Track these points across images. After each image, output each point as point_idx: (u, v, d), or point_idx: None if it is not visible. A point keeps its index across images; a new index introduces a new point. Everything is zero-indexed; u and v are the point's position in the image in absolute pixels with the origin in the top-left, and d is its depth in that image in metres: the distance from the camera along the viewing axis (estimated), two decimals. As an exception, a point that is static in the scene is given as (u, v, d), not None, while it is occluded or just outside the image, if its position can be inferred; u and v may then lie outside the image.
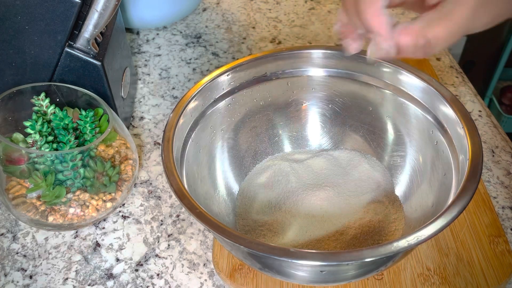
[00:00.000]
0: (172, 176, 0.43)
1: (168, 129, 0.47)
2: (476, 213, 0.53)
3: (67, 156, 0.49)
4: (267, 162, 0.57)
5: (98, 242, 0.53)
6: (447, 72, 0.72)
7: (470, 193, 0.40)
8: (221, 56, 0.77)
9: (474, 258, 0.49)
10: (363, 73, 0.54)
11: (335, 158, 0.56)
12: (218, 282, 0.50)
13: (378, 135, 0.56)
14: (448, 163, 0.47)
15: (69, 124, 0.52)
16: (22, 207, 0.51)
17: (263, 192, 0.53)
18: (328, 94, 0.57)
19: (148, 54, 0.77)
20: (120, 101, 0.61)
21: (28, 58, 0.54)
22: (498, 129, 0.64)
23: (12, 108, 0.53)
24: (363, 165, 0.55)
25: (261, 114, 0.57)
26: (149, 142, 0.64)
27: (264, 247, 0.38)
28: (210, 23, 0.83)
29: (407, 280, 0.48)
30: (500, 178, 0.58)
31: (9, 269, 0.51)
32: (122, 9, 0.76)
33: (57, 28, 0.53)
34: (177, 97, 0.70)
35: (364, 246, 0.48)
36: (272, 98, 0.57)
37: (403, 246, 0.38)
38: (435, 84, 0.49)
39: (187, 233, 0.54)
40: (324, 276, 0.42)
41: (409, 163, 0.53)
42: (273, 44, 0.78)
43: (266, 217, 0.51)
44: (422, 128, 0.52)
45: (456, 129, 0.47)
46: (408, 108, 0.52)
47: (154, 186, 0.59)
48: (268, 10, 0.86)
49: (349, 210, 0.51)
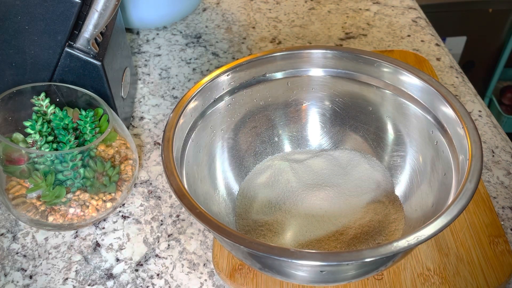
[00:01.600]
0: (172, 176, 0.43)
1: (168, 129, 0.47)
2: (476, 213, 0.53)
3: (67, 156, 0.49)
4: (267, 162, 0.57)
5: (98, 242, 0.53)
6: (447, 72, 0.72)
7: (470, 193, 0.40)
8: (221, 56, 0.77)
9: (474, 258, 0.49)
10: (363, 73, 0.54)
11: (335, 158, 0.56)
12: (218, 282, 0.50)
13: (378, 135, 0.56)
14: (448, 163, 0.47)
15: (69, 124, 0.52)
16: (22, 207, 0.51)
17: (263, 192, 0.53)
18: (328, 94, 0.57)
19: (148, 54, 0.77)
20: (120, 101, 0.61)
21: (28, 58, 0.54)
22: (498, 129, 0.64)
23: (12, 108, 0.53)
24: (363, 165, 0.55)
25: (261, 114, 0.57)
26: (149, 142, 0.64)
27: (264, 247, 0.38)
28: (210, 23, 0.83)
29: (407, 280, 0.48)
30: (500, 178, 0.58)
31: (9, 269, 0.51)
32: (122, 9, 0.76)
33: (57, 28, 0.53)
34: (177, 97, 0.70)
35: (364, 246, 0.48)
36: (272, 98, 0.57)
37: (403, 246, 0.38)
38: (435, 84, 0.49)
39: (187, 233, 0.54)
40: (324, 276, 0.42)
41: (409, 163, 0.53)
42: (273, 44, 0.79)
43: (266, 217, 0.51)
44: (422, 128, 0.52)
45: (456, 129, 0.47)
46: (408, 108, 0.52)
47: (154, 186, 0.59)
48: (268, 10, 0.86)
49: (349, 210, 0.51)
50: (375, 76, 0.54)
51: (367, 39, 0.79)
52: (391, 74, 0.53)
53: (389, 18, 0.83)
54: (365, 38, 0.79)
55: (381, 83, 0.54)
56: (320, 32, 0.80)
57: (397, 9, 0.85)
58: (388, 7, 0.85)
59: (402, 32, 0.80)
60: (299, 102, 0.58)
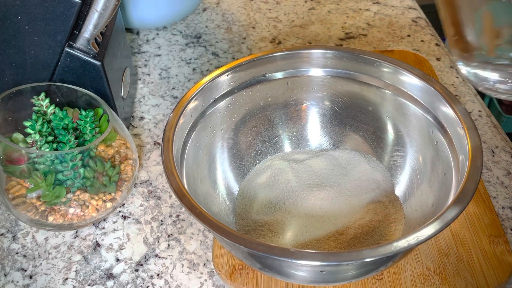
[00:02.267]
0: (172, 176, 0.43)
1: (168, 129, 0.47)
2: (476, 213, 0.53)
3: (67, 156, 0.49)
4: (267, 162, 0.57)
5: (98, 242, 0.53)
6: (447, 72, 0.72)
7: (470, 193, 0.40)
8: (221, 56, 0.77)
9: (474, 258, 0.49)
10: (363, 73, 0.54)
11: (335, 158, 0.56)
12: (218, 282, 0.50)
13: (378, 135, 0.56)
14: (448, 163, 0.47)
15: (69, 124, 0.52)
16: (22, 207, 0.51)
17: (263, 192, 0.53)
18: (328, 94, 0.57)
19: (148, 54, 0.77)
20: (120, 101, 0.61)
21: (28, 58, 0.54)
22: (498, 129, 0.64)
23: (12, 108, 0.53)
24: (363, 165, 0.55)
25: (261, 114, 0.57)
26: (149, 142, 0.64)
27: (264, 247, 0.38)
28: (210, 23, 0.83)
29: (407, 280, 0.48)
30: (500, 178, 0.58)
31: (9, 269, 0.51)
32: (122, 9, 0.76)
33: (57, 28, 0.53)
34: (177, 97, 0.70)
35: (364, 246, 0.48)
36: (272, 98, 0.57)
37: (403, 246, 0.38)
38: (435, 84, 0.49)
39: (187, 233, 0.54)
40: (324, 276, 0.42)
41: (409, 163, 0.53)
42: (273, 44, 0.79)
43: (266, 217, 0.51)
44: (422, 128, 0.52)
45: (456, 129, 0.47)
46: (408, 108, 0.52)
47: (154, 186, 0.59)
48: (268, 10, 0.86)
49: (349, 210, 0.51)
50: (375, 76, 0.54)
51: (367, 39, 0.79)
52: (391, 74, 0.53)
53: (389, 18, 0.83)
54: (365, 38, 0.79)
55: (381, 83, 0.54)
56: (320, 32, 0.80)
57: (397, 9, 0.85)
58: (388, 7, 0.85)
59: (402, 32, 0.80)
60: (299, 102, 0.58)
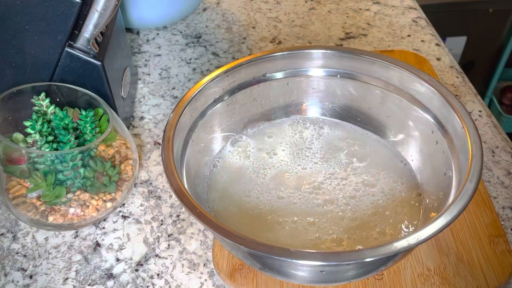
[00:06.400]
0: (172, 176, 0.43)
1: (168, 129, 0.47)
2: (476, 213, 0.53)
3: (67, 156, 0.49)
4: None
5: (98, 242, 0.53)
6: (447, 72, 0.72)
7: (470, 193, 0.40)
8: (221, 56, 0.77)
9: (474, 258, 0.49)
10: (363, 73, 0.54)
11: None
12: (218, 282, 0.50)
13: (378, 135, 0.56)
14: (448, 163, 0.47)
15: (69, 124, 0.52)
16: (22, 207, 0.51)
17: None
18: (328, 94, 0.57)
19: (148, 54, 0.77)
20: (120, 101, 0.61)
21: (28, 58, 0.54)
22: (498, 129, 0.64)
23: (12, 108, 0.53)
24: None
25: (261, 114, 0.57)
26: (149, 142, 0.64)
27: (264, 247, 0.38)
28: (210, 23, 0.83)
29: (407, 280, 0.48)
30: (500, 178, 0.58)
31: (9, 269, 0.51)
32: (122, 9, 0.76)
33: (57, 28, 0.53)
34: (177, 97, 0.70)
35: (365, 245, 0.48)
36: (272, 98, 0.57)
37: (403, 246, 0.38)
38: (435, 84, 0.49)
39: (187, 233, 0.54)
40: (324, 276, 0.42)
41: (409, 163, 0.53)
42: (273, 44, 0.78)
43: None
44: (422, 128, 0.52)
45: (456, 129, 0.47)
46: (408, 108, 0.52)
47: (154, 186, 0.59)
48: (268, 10, 0.86)
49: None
50: (375, 76, 0.54)
51: (367, 39, 0.79)
52: (391, 74, 0.53)
53: (389, 18, 0.83)
54: (365, 38, 0.79)
55: (381, 83, 0.54)
56: (320, 32, 0.80)
57: (397, 9, 0.85)
58: (388, 7, 0.85)
59: (402, 32, 0.80)
60: (299, 102, 0.58)
